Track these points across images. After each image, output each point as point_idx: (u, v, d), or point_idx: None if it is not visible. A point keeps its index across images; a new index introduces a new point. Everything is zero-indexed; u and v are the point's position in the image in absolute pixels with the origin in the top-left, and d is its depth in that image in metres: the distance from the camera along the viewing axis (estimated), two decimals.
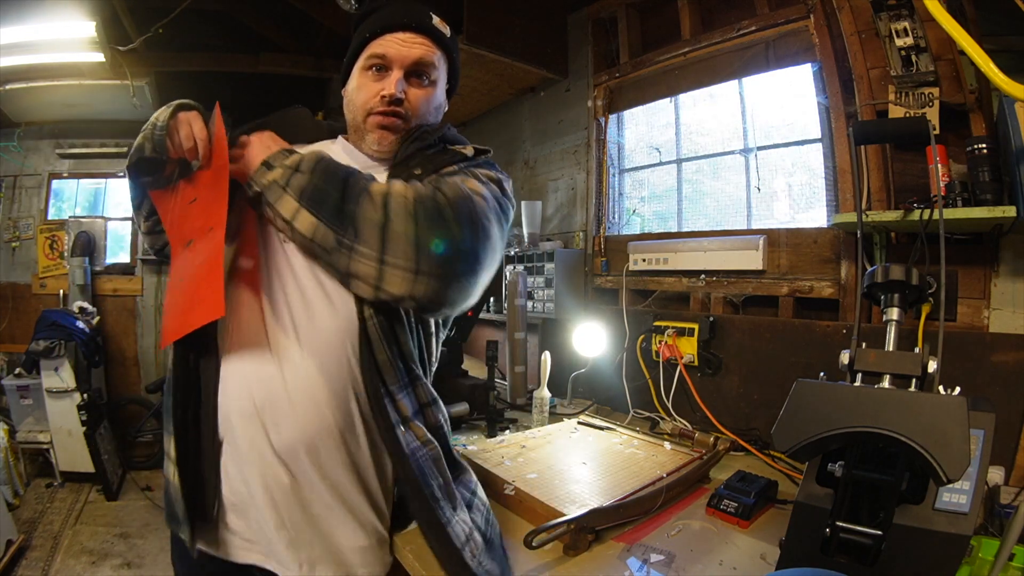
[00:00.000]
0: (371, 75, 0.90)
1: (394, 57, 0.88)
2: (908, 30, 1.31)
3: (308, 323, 0.81)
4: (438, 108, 0.97)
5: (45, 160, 3.78)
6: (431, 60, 0.91)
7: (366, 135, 0.92)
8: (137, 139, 0.85)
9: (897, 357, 0.88)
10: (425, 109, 0.93)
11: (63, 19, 2.57)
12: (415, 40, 0.89)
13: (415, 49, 0.89)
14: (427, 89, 0.93)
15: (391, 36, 0.88)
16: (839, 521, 0.82)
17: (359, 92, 0.91)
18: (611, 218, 2.39)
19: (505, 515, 1.13)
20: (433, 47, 0.92)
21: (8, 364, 3.47)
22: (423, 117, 0.93)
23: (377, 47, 0.89)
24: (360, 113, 0.91)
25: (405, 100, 0.90)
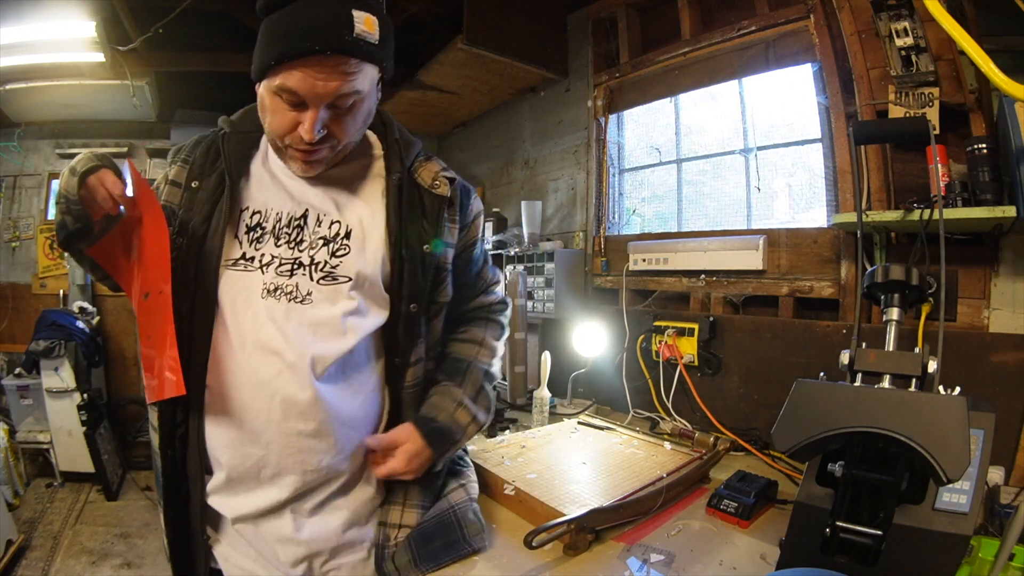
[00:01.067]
0: (283, 103, 0.77)
1: (308, 96, 0.74)
2: (908, 30, 1.31)
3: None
4: (369, 114, 0.85)
5: (45, 160, 3.78)
6: (352, 88, 0.76)
7: (287, 161, 0.84)
8: (56, 217, 0.83)
9: (897, 357, 0.88)
10: (354, 129, 0.82)
11: (63, 19, 2.56)
12: (332, 70, 0.73)
13: (331, 83, 0.74)
14: (353, 112, 0.80)
15: (301, 67, 0.72)
16: (839, 521, 0.83)
17: (273, 116, 0.79)
18: (611, 218, 2.39)
19: (505, 515, 1.13)
20: (355, 68, 0.75)
21: (8, 364, 3.47)
22: (353, 136, 0.84)
23: (285, 79, 0.73)
24: (277, 139, 0.81)
25: (328, 133, 0.79)
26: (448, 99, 2.93)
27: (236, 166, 0.88)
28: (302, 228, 0.86)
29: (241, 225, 0.85)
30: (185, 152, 0.91)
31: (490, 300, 1.09)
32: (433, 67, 2.49)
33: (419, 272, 0.89)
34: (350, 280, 0.84)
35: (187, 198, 0.86)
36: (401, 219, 0.88)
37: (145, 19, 2.69)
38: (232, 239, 0.85)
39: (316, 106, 0.75)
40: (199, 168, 0.88)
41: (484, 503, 1.18)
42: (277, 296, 0.82)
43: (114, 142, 3.75)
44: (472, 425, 0.96)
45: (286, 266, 0.83)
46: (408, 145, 0.94)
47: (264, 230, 0.85)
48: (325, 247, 0.85)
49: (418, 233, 0.89)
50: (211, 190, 0.86)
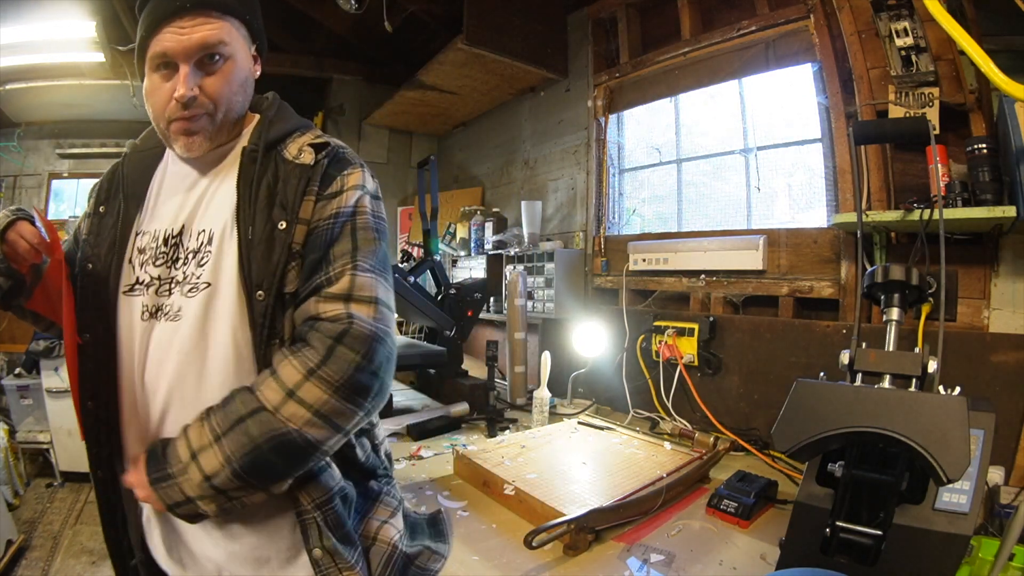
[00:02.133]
0: (159, 76, 0.80)
1: (175, 51, 0.77)
2: (908, 30, 1.31)
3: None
4: (244, 83, 0.84)
5: (45, 160, 3.78)
6: (218, 38, 0.79)
7: (173, 144, 0.83)
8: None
9: (897, 357, 0.88)
10: (227, 92, 0.81)
11: (63, 19, 2.57)
12: (194, 22, 0.77)
13: (196, 33, 0.77)
14: (222, 70, 0.81)
15: (166, 29, 0.77)
16: (839, 521, 0.83)
17: (153, 97, 0.81)
18: (611, 218, 2.39)
19: (505, 515, 1.13)
20: (216, 20, 0.79)
21: (8, 364, 3.47)
22: (229, 101, 0.82)
23: (156, 45, 0.78)
24: (161, 121, 0.81)
25: (200, 94, 0.79)
26: (448, 99, 2.93)
27: (134, 188, 0.87)
28: (178, 245, 0.82)
29: (133, 249, 0.84)
30: (98, 183, 0.92)
31: (322, 309, 0.74)
32: (433, 67, 2.49)
33: (266, 251, 0.76)
34: (209, 285, 0.78)
35: (95, 224, 0.87)
36: (252, 197, 0.79)
37: None
38: (127, 264, 0.84)
39: (186, 61, 0.77)
40: (105, 193, 0.89)
41: (484, 503, 1.19)
42: (158, 317, 0.80)
43: (114, 142, 3.75)
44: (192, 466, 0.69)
45: (165, 286, 0.81)
46: (279, 120, 0.86)
47: (149, 251, 0.83)
48: (194, 260, 0.81)
49: (269, 208, 0.78)
50: (115, 215, 0.86)
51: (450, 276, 2.65)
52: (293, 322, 0.77)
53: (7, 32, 2.56)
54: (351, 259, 0.78)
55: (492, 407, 1.74)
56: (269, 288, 0.75)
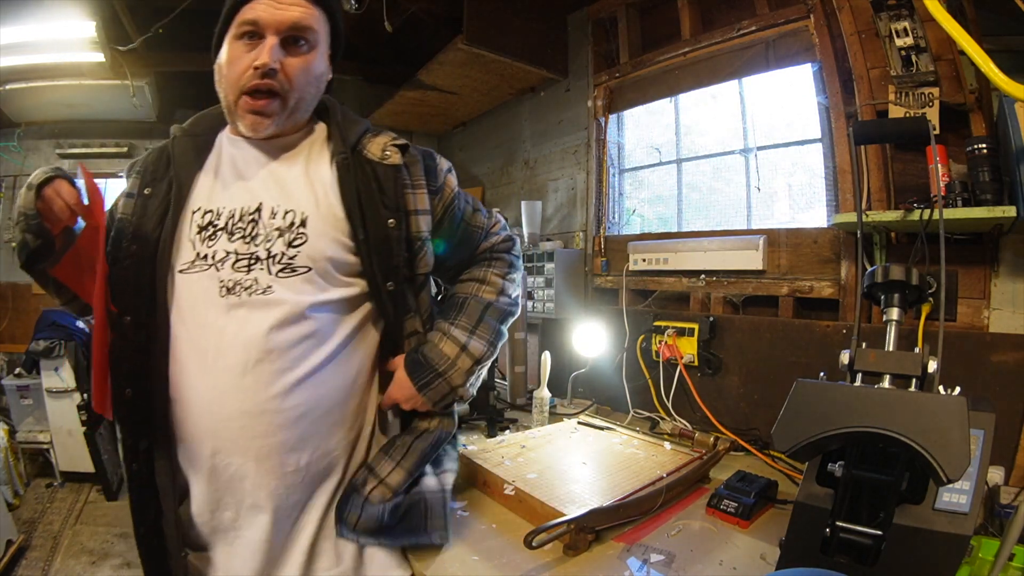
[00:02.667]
0: (243, 45, 0.81)
1: (267, 22, 0.79)
2: (908, 30, 1.31)
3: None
4: (319, 77, 0.88)
5: (45, 160, 3.77)
6: (309, 23, 0.82)
7: (238, 120, 0.85)
8: (16, 236, 0.82)
9: (897, 357, 0.88)
10: (304, 80, 0.84)
11: (63, 19, 2.56)
12: (290, 3, 0.81)
13: (291, 11, 0.80)
14: (305, 56, 0.84)
15: (263, 1, 0.80)
16: (839, 521, 0.82)
17: (230, 66, 0.83)
18: (611, 218, 2.39)
19: (505, 515, 1.13)
20: (311, 6, 0.83)
21: (8, 364, 3.47)
22: (302, 89, 0.85)
23: (248, 12, 0.80)
24: (232, 91, 0.83)
25: (280, 71, 0.81)
26: (448, 99, 2.93)
27: (186, 168, 0.88)
28: (256, 222, 0.84)
29: (192, 226, 0.84)
30: (139, 165, 0.92)
31: (492, 242, 1.06)
32: (433, 67, 2.49)
33: (387, 250, 0.87)
34: (309, 269, 0.83)
35: (140, 205, 0.86)
36: (358, 199, 0.86)
37: (145, 19, 2.69)
38: (185, 242, 0.84)
39: (275, 33, 0.80)
40: (151, 175, 0.88)
41: (484, 503, 1.19)
42: (237, 292, 0.80)
43: (114, 142, 3.75)
44: (463, 356, 0.91)
45: (243, 261, 0.81)
46: (351, 124, 0.93)
47: (216, 227, 0.84)
48: (281, 238, 0.83)
49: (376, 210, 0.86)
50: (162, 195, 0.86)
51: None
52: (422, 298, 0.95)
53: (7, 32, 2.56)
54: (484, 213, 1.06)
55: (492, 407, 1.73)
56: (397, 278, 0.88)
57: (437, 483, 0.97)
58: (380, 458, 0.91)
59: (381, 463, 0.90)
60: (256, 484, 0.81)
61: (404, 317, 0.91)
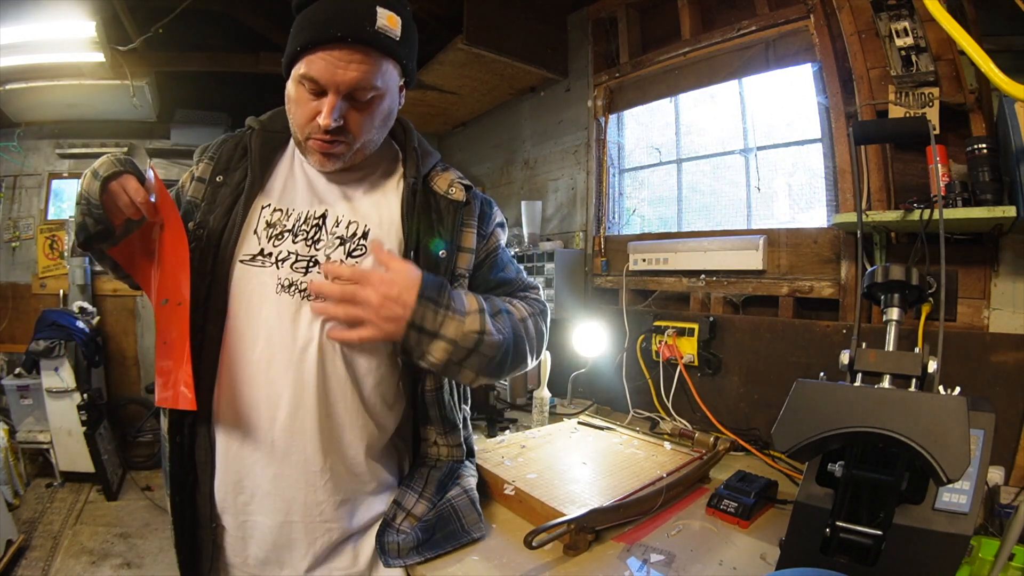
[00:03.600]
0: (306, 91, 0.80)
1: (327, 82, 0.77)
2: (908, 30, 1.31)
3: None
4: (387, 116, 0.87)
5: (45, 160, 3.78)
6: (371, 81, 0.78)
7: (307, 154, 0.86)
8: (76, 217, 0.83)
9: (897, 357, 0.88)
10: (369, 127, 0.84)
11: (63, 19, 2.57)
12: (351, 58, 0.76)
13: (350, 72, 0.76)
14: (370, 107, 0.82)
15: (323, 54, 0.76)
16: (839, 521, 0.82)
17: (296, 107, 0.82)
18: (611, 218, 2.39)
19: (505, 515, 1.13)
20: (375, 62, 0.78)
21: (8, 364, 3.47)
22: (366, 135, 0.84)
23: (308, 66, 0.77)
24: (299, 131, 0.84)
25: (344, 124, 0.80)
26: (448, 99, 2.93)
27: (261, 162, 0.89)
28: (320, 227, 0.87)
29: (260, 221, 0.86)
30: (212, 150, 0.93)
31: (527, 295, 1.04)
32: (433, 67, 2.49)
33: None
34: None
35: (210, 192, 0.88)
36: (416, 223, 0.89)
37: (145, 19, 2.70)
38: (251, 234, 0.86)
39: (336, 93, 0.77)
40: (225, 163, 0.90)
41: (484, 503, 1.19)
42: (291, 292, 0.83)
43: (114, 142, 3.76)
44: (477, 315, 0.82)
45: (302, 263, 0.84)
46: (426, 154, 0.96)
47: (284, 227, 0.86)
48: (341, 247, 0.86)
49: (431, 238, 0.89)
50: (234, 185, 0.87)
51: None
52: None
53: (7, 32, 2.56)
54: (521, 273, 1.06)
55: (492, 407, 1.73)
56: None
57: (459, 488, 1.00)
58: (404, 492, 0.95)
59: (406, 496, 0.95)
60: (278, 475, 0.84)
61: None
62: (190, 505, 0.86)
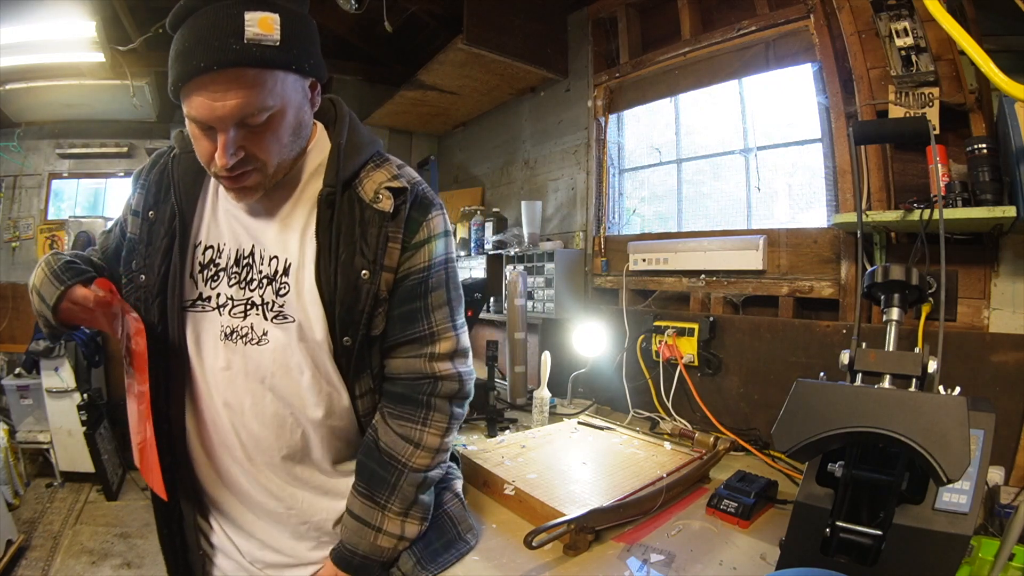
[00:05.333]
0: (197, 128, 0.71)
1: (208, 120, 0.68)
2: (908, 30, 1.31)
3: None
4: (297, 127, 0.76)
5: (45, 160, 3.78)
6: (257, 104, 0.68)
7: (225, 190, 0.79)
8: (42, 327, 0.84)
9: (897, 357, 0.88)
10: (276, 148, 0.74)
11: (63, 19, 2.56)
12: (227, 87, 0.66)
13: (228, 102, 0.66)
14: (270, 127, 0.72)
15: (196, 89, 0.67)
16: (839, 521, 0.83)
17: (196, 144, 0.74)
18: (611, 218, 2.39)
19: (505, 515, 1.13)
20: (255, 80, 0.68)
21: (8, 364, 3.47)
22: (279, 154, 0.75)
23: (187, 106, 0.69)
24: (207, 167, 0.76)
25: (248, 154, 0.72)
26: (448, 99, 2.93)
27: (187, 195, 0.83)
28: (251, 266, 0.81)
29: (195, 263, 0.82)
30: (144, 174, 0.88)
31: (438, 369, 0.85)
32: (433, 67, 2.49)
33: (352, 300, 0.78)
34: (295, 320, 0.80)
35: (146, 231, 0.83)
36: (331, 239, 0.78)
37: (145, 19, 2.69)
38: (188, 278, 0.82)
39: (223, 129, 0.69)
40: (154, 196, 0.84)
41: (484, 503, 1.19)
42: (234, 340, 0.80)
43: (114, 142, 3.76)
44: (400, 542, 0.86)
45: (239, 307, 0.81)
46: (355, 151, 0.82)
47: (218, 267, 0.81)
48: (269, 286, 0.80)
49: (352, 256, 0.78)
50: (166, 223, 0.82)
51: None
52: (380, 355, 0.86)
53: (7, 32, 2.56)
54: (449, 316, 0.86)
55: (492, 407, 1.73)
56: (355, 335, 0.80)
57: (450, 494, 1.00)
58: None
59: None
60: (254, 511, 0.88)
61: (357, 377, 0.84)
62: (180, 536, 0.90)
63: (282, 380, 0.81)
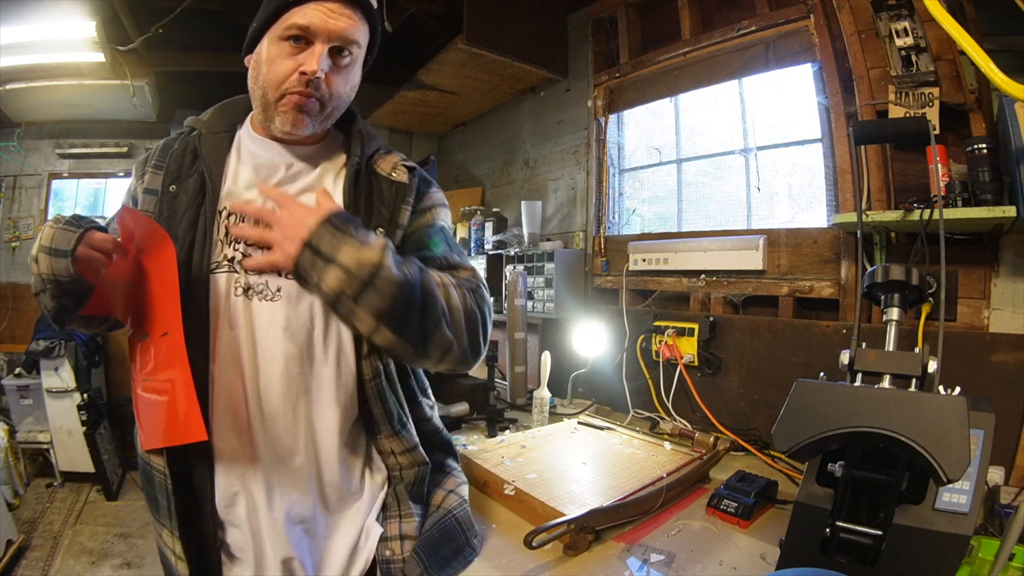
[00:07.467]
0: (288, 47, 0.80)
1: (318, 29, 0.79)
2: (908, 30, 1.31)
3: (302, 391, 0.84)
4: (354, 88, 0.90)
5: (45, 160, 3.78)
6: (356, 36, 0.83)
7: (277, 115, 0.83)
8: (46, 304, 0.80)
9: (897, 357, 0.88)
10: (342, 90, 0.86)
11: (63, 19, 2.56)
12: (343, 11, 0.80)
13: (341, 21, 0.80)
14: (348, 69, 0.85)
15: (318, 4, 0.79)
16: (839, 521, 0.83)
17: (273, 65, 0.81)
18: (611, 218, 2.39)
19: (505, 515, 1.13)
20: (360, 20, 0.83)
21: (8, 364, 3.47)
22: (339, 98, 0.86)
23: (299, 16, 0.79)
24: (272, 90, 0.82)
25: (324, 80, 0.81)
26: (448, 99, 2.93)
27: (216, 168, 0.87)
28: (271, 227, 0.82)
29: (221, 228, 0.84)
30: (156, 158, 0.89)
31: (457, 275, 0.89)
32: (433, 67, 2.49)
33: None
34: None
35: (167, 204, 0.85)
36: (356, 203, 0.87)
37: (145, 19, 2.70)
38: (217, 242, 0.84)
39: (324, 42, 0.80)
40: (175, 172, 0.86)
41: (484, 503, 1.19)
42: (250, 296, 0.83)
43: (114, 142, 3.75)
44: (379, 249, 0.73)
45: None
46: (371, 137, 0.94)
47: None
48: None
49: (371, 217, 0.87)
50: (192, 194, 0.84)
51: None
52: None
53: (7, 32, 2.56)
54: (459, 254, 0.94)
55: (492, 407, 1.73)
56: None
57: (457, 498, 0.97)
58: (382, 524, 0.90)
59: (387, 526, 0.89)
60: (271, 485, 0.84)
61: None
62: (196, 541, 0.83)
63: (292, 335, 0.83)
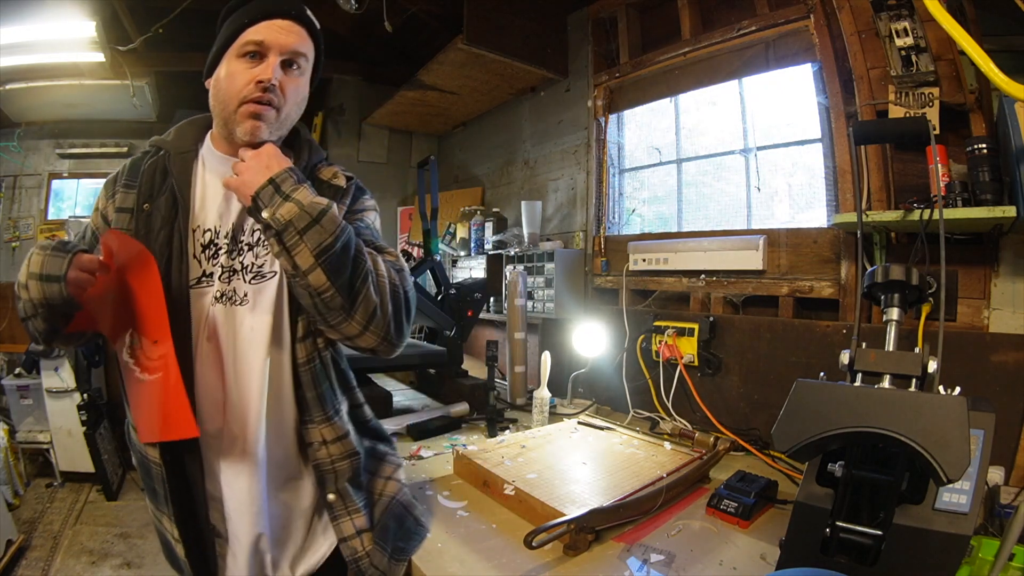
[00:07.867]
0: (245, 62, 0.89)
1: (271, 43, 0.88)
2: (908, 30, 1.31)
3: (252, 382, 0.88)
4: (303, 101, 0.96)
5: (45, 160, 3.78)
6: (304, 49, 0.92)
7: (237, 126, 0.89)
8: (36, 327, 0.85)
9: (897, 357, 0.88)
10: (295, 99, 0.93)
11: (63, 19, 2.56)
12: (292, 28, 0.90)
13: (291, 36, 0.89)
14: (298, 79, 0.93)
15: (270, 23, 0.88)
16: (839, 521, 0.83)
17: (231, 80, 0.89)
18: (611, 218, 2.39)
19: (505, 515, 1.13)
20: (307, 37, 0.92)
21: (8, 364, 3.47)
22: (291, 108, 0.93)
23: (253, 34, 0.88)
24: (233, 102, 0.89)
25: (278, 87, 0.89)
26: (448, 99, 2.93)
27: (186, 186, 0.92)
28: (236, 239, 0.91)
29: (196, 245, 0.90)
30: (126, 177, 0.95)
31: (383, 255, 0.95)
32: (433, 67, 2.49)
33: None
34: (275, 274, 0.89)
35: (142, 222, 0.90)
36: None
37: (145, 19, 2.70)
38: (192, 259, 0.89)
39: (276, 54, 0.88)
40: (147, 190, 0.92)
41: (484, 503, 1.19)
42: (224, 302, 0.88)
43: (114, 142, 3.76)
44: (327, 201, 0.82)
45: (226, 274, 0.89)
46: (316, 149, 1.02)
47: (217, 246, 0.90)
48: (251, 251, 0.91)
49: None
50: (166, 211, 0.90)
51: (450, 276, 2.66)
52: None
53: (7, 32, 2.56)
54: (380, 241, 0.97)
55: (492, 407, 1.73)
56: None
57: (396, 483, 1.01)
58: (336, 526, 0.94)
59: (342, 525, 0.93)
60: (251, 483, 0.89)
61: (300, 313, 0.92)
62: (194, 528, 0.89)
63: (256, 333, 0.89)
